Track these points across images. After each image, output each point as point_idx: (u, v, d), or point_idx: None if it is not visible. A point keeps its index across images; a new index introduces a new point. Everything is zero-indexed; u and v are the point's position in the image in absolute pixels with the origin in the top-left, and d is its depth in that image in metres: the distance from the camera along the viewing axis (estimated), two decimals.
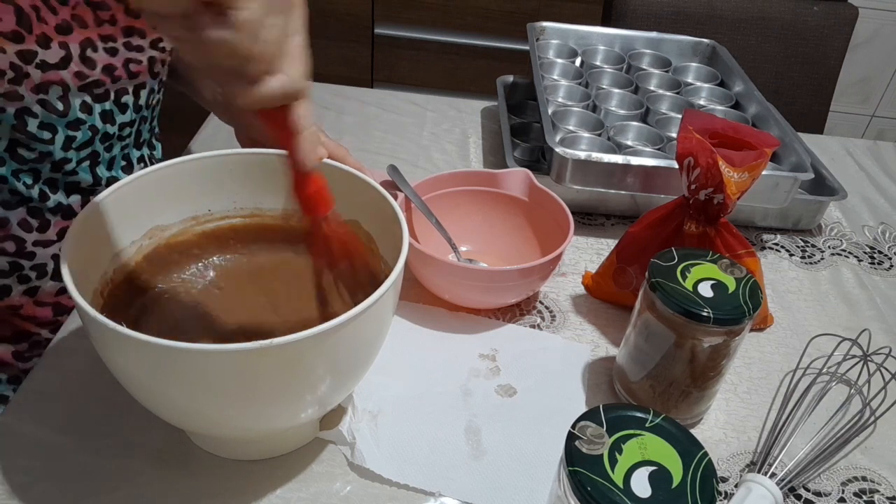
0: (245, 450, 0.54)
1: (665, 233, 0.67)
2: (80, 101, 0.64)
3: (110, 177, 0.72)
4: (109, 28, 0.65)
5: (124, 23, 0.66)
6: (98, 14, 0.63)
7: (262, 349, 0.41)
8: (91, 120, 0.66)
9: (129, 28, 0.66)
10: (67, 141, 0.65)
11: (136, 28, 0.67)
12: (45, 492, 0.51)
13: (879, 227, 0.91)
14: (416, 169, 0.92)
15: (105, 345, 0.44)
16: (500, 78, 1.06)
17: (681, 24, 1.35)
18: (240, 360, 0.42)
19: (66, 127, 0.64)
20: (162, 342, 0.40)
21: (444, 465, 0.55)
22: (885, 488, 0.58)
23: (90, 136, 0.67)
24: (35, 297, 0.69)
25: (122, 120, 0.70)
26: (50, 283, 0.70)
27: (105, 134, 0.68)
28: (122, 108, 0.69)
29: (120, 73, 0.67)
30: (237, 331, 0.55)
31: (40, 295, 0.69)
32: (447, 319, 0.69)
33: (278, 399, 0.46)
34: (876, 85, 2.05)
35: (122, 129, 0.71)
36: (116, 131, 0.70)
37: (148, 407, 0.48)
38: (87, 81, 0.64)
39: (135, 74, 0.69)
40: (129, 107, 0.70)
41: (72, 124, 0.65)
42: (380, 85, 1.85)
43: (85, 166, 0.68)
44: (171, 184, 0.56)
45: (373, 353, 0.51)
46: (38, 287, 0.69)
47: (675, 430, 0.42)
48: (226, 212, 0.60)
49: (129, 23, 0.66)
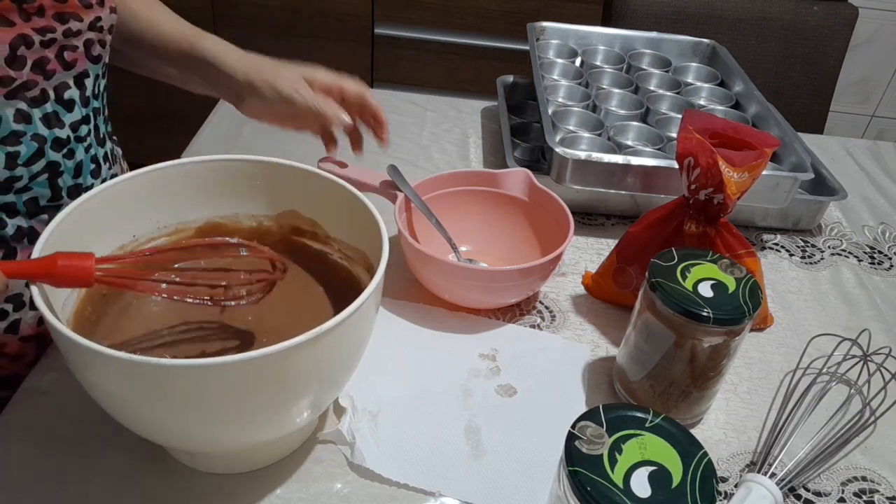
0: (240, 462, 0.54)
1: (665, 233, 0.67)
2: (12, 112, 0.57)
3: (73, 185, 0.64)
4: (40, 21, 0.57)
5: (53, 9, 0.58)
6: (25, 8, 0.56)
7: (250, 360, 0.40)
8: (32, 129, 0.59)
9: (60, 14, 0.58)
10: (9, 158, 0.58)
11: (69, 13, 0.59)
12: (46, 491, 0.51)
13: (879, 227, 0.91)
14: (416, 169, 0.92)
15: (83, 365, 0.43)
16: (500, 78, 1.06)
17: (681, 24, 1.35)
18: (226, 373, 0.41)
19: (2, 143, 0.57)
20: (146, 360, 0.39)
21: (444, 465, 0.55)
22: (885, 488, 0.58)
23: (37, 147, 0.59)
24: (18, 334, 0.63)
25: (73, 119, 0.62)
26: (30, 314, 0.63)
27: (57, 140, 0.61)
28: (68, 105, 0.61)
29: (53, 66, 0.59)
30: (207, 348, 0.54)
31: (23, 329, 0.63)
32: (447, 319, 0.69)
33: (266, 409, 0.46)
34: (876, 85, 2.05)
35: (76, 128, 0.62)
36: (70, 133, 0.62)
37: (130, 426, 0.48)
38: (14, 86, 0.56)
39: (70, 64, 0.60)
40: (77, 102, 0.62)
41: (7, 139, 0.57)
42: (380, 85, 1.85)
43: (41, 180, 0.61)
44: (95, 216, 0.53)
45: (357, 358, 0.51)
46: (20, 320, 0.63)
47: (675, 430, 0.42)
48: (150, 234, 0.58)
49: (59, 9, 0.58)
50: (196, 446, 0.52)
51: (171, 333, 0.54)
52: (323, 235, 0.60)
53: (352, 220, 0.56)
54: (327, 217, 0.60)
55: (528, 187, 0.75)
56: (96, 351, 0.40)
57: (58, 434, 0.55)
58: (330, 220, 0.60)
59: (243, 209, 0.60)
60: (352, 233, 0.58)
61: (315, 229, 0.60)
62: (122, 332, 0.54)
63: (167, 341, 0.53)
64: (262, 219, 0.61)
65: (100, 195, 0.52)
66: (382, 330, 0.55)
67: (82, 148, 0.64)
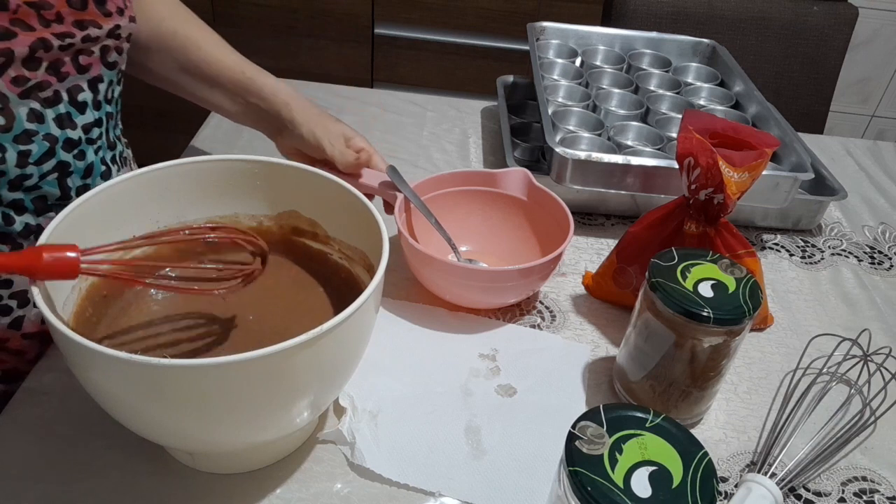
0: (240, 462, 0.54)
1: (665, 233, 0.67)
2: (26, 110, 0.58)
3: (82, 185, 0.64)
4: (59, 27, 0.58)
5: (73, 17, 0.59)
6: (42, 14, 0.57)
7: (250, 360, 0.40)
8: (44, 129, 0.59)
9: (80, 21, 0.60)
10: (21, 156, 0.58)
11: (88, 20, 0.60)
12: (46, 491, 0.51)
13: (879, 227, 0.91)
14: (416, 169, 0.92)
15: (83, 364, 0.43)
16: (500, 78, 1.06)
17: (681, 24, 1.35)
18: (226, 373, 0.41)
19: (15, 142, 0.58)
20: (146, 360, 0.39)
21: (444, 465, 0.55)
22: (885, 488, 0.58)
23: (48, 147, 0.60)
24: (21, 330, 0.64)
25: (85, 121, 0.63)
26: (34, 311, 0.64)
27: (69, 140, 0.62)
28: (81, 107, 0.62)
29: (67, 68, 0.60)
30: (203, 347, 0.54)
31: (26, 326, 0.64)
32: (447, 319, 0.69)
33: (266, 409, 0.46)
34: (876, 85, 2.05)
35: (88, 130, 0.64)
36: (82, 135, 0.63)
37: (130, 426, 0.48)
38: (29, 86, 0.57)
39: (85, 68, 0.62)
40: (89, 105, 0.63)
41: (20, 138, 0.58)
42: (380, 85, 1.84)
43: (51, 180, 0.61)
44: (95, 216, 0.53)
45: (357, 358, 0.51)
46: (23, 316, 0.63)
47: (676, 430, 0.42)
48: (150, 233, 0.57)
49: (78, 16, 0.59)
50: (196, 446, 0.52)
51: (172, 333, 0.54)
52: (323, 235, 0.60)
53: (352, 220, 0.56)
54: (327, 217, 0.60)
55: (527, 187, 0.75)
56: (96, 351, 0.40)
57: (58, 434, 0.55)
58: (330, 220, 0.60)
59: (243, 209, 0.60)
60: (352, 233, 0.58)
61: (315, 229, 0.60)
62: (123, 332, 0.54)
63: (167, 341, 0.54)
64: (262, 219, 0.61)
65: (100, 195, 0.52)
66: (382, 330, 0.55)
67: (93, 150, 0.65)
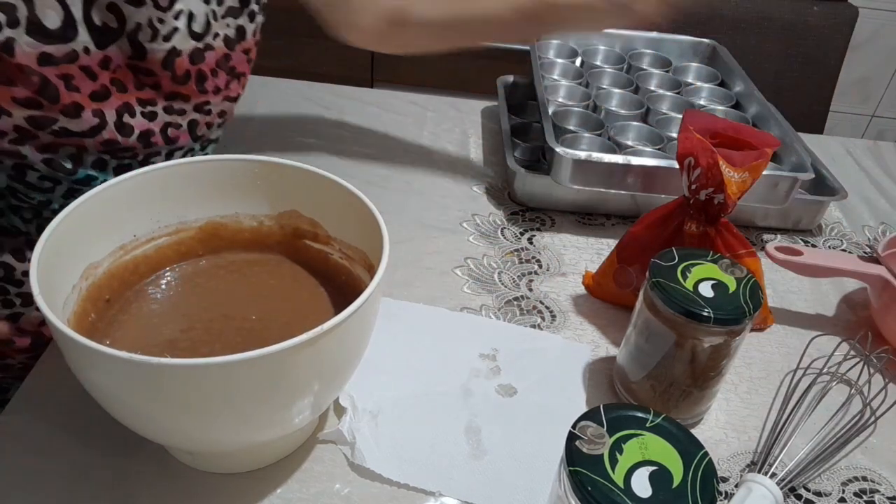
0: (240, 462, 0.54)
1: (665, 233, 0.67)
2: (93, 159, 0.59)
3: None
4: (151, 92, 0.60)
5: (169, 89, 0.61)
6: (140, 78, 0.59)
7: (250, 360, 0.40)
8: (105, 175, 0.61)
9: (172, 93, 0.62)
10: (70, 192, 0.60)
11: (181, 93, 0.62)
12: (46, 492, 0.51)
13: (880, 227, 0.91)
14: (415, 169, 0.92)
15: (83, 364, 0.43)
16: (500, 78, 1.06)
17: (681, 24, 1.35)
18: (226, 373, 0.41)
19: (73, 182, 0.60)
20: (146, 359, 0.39)
21: (444, 465, 0.55)
22: (886, 488, 0.58)
23: None
24: (17, 324, 0.66)
25: None
26: (35, 314, 0.66)
27: None
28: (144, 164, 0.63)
29: (157, 139, 0.62)
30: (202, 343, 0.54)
31: (23, 322, 0.66)
32: (447, 319, 0.69)
33: (266, 409, 0.46)
34: (876, 85, 2.05)
35: None
36: None
37: (131, 426, 0.47)
38: (116, 148, 0.59)
39: (173, 140, 0.63)
40: None
41: (79, 181, 0.60)
42: (380, 85, 1.84)
43: None
44: (96, 216, 0.52)
45: (358, 358, 0.51)
46: (22, 314, 0.65)
47: (676, 430, 0.42)
48: (151, 233, 0.57)
49: (175, 89, 0.61)
50: (196, 446, 0.51)
51: (172, 332, 0.54)
52: (324, 235, 0.60)
53: (352, 220, 0.56)
54: (328, 217, 0.60)
55: None
56: (96, 350, 0.40)
57: (58, 434, 0.55)
58: (330, 220, 0.60)
59: (244, 209, 0.60)
60: (352, 233, 0.58)
61: (316, 229, 0.60)
62: (123, 332, 0.54)
63: (167, 340, 0.54)
64: (262, 219, 0.61)
65: (101, 194, 0.52)
66: (383, 330, 0.55)
67: None
